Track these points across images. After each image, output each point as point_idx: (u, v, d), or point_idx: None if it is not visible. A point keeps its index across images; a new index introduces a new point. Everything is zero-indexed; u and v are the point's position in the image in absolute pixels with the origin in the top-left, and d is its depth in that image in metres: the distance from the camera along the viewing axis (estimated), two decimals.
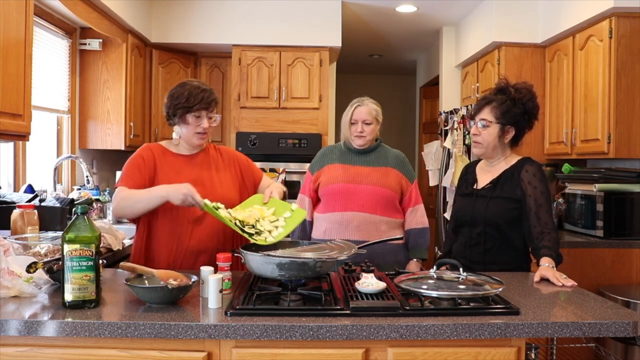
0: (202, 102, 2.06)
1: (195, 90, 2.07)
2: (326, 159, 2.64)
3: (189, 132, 2.11)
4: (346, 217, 2.47)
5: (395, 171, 2.56)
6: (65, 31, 3.70)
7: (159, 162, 2.11)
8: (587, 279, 3.06)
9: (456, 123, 4.24)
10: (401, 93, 7.88)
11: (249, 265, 1.73)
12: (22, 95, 2.44)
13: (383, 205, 2.49)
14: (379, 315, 1.49)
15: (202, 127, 2.09)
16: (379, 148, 2.62)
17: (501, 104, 2.20)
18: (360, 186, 2.49)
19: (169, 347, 1.46)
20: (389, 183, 2.51)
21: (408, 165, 2.63)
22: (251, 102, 4.41)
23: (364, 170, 2.54)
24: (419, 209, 2.58)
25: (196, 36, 4.41)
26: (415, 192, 2.59)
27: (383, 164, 2.56)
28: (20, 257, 1.70)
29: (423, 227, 2.57)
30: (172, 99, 2.10)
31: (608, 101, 3.24)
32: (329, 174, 2.57)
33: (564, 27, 3.69)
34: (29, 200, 2.71)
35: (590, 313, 1.56)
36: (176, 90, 2.11)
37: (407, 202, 2.57)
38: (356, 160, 2.57)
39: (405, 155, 2.67)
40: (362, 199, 2.47)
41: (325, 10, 4.42)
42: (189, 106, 2.06)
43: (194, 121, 2.08)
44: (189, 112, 2.07)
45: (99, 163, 4.23)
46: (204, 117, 2.09)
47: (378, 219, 2.47)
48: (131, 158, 2.12)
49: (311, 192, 2.63)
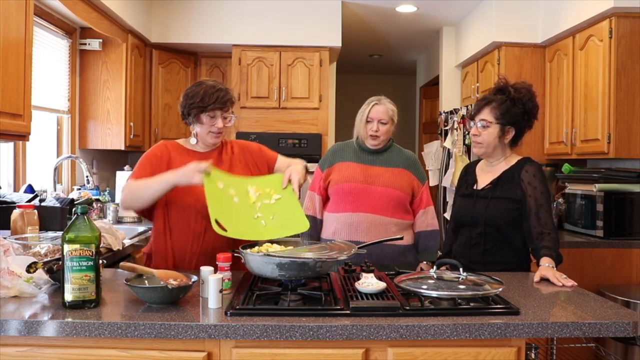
0: (217, 101, 2.05)
1: (210, 90, 2.06)
2: (337, 156, 2.59)
3: (204, 132, 2.10)
4: (356, 219, 2.44)
5: (408, 172, 2.53)
6: (65, 31, 3.70)
7: (174, 159, 2.10)
8: (587, 279, 3.06)
9: (456, 123, 4.24)
10: (401, 93, 7.88)
11: (249, 265, 1.73)
12: (22, 95, 2.44)
13: (394, 207, 2.46)
14: (379, 315, 1.49)
15: (216, 126, 2.08)
16: (392, 148, 2.59)
17: (501, 104, 2.20)
18: (373, 187, 2.46)
19: (169, 347, 1.46)
20: (401, 184, 2.48)
21: (419, 167, 2.60)
22: (251, 102, 4.41)
23: (377, 170, 2.50)
24: (429, 211, 2.55)
25: (196, 36, 4.41)
26: (426, 194, 2.56)
27: (396, 165, 2.53)
28: (20, 257, 1.70)
29: (433, 229, 2.54)
30: (187, 98, 2.09)
31: (608, 101, 3.24)
32: (340, 172, 2.52)
33: (564, 27, 3.69)
34: (29, 200, 2.71)
35: (590, 313, 1.56)
36: (192, 89, 2.10)
37: (418, 203, 2.54)
38: (369, 160, 2.54)
39: (416, 157, 2.64)
40: (373, 200, 2.44)
41: (325, 10, 4.42)
42: (203, 106, 2.05)
43: (209, 121, 2.07)
44: (204, 112, 2.06)
45: (99, 163, 4.23)
46: (218, 116, 2.07)
47: (388, 220, 2.45)
48: (146, 153, 2.13)
49: (321, 189, 2.59)
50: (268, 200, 1.98)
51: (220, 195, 1.89)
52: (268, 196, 1.99)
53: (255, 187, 2.00)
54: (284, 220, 1.95)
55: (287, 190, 2.03)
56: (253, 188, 1.99)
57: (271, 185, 2.04)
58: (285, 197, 2.01)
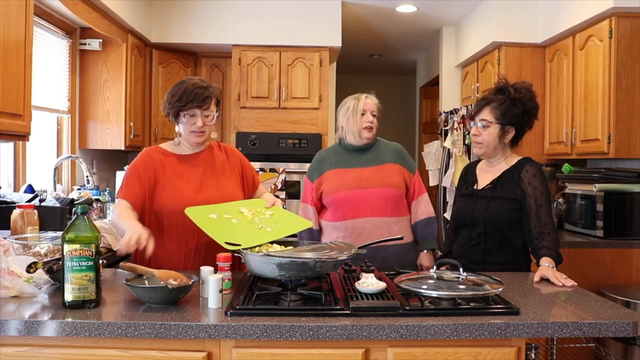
0: (195, 100, 2.02)
1: (189, 88, 2.04)
2: (324, 164, 2.55)
3: (186, 131, 2.08)
4: (358, 224, 2.42)
5: (397, 166, 2.50)
6: (65, 31, 3.70)
7: (160, 167, 2.08)
8: (587, 279, 3.06)
9: (456, 123, 4.24)
10: (401, 93, 7.88)
11: (249, 265, 1.73)
12: (22, 95, 2.44)
13: (392, 205, 2.44)
14: (379, 315, 1.49)
15: (196, 125, 2.05)
16: (376, 144, 2.56)
17: (501, 104, 2.20)
18: (367, 190, 2.43)
19: (169, 347, 1.46)
20: (393, 181, 2.46)
21: (407, 157, 2.58)
22: (251, 102, 4.41)
23: (366, 172, 2.48)
24: (422, 199, 2.53)
25: (196, 36, 4.41)
26: (417, 183, 2.54)
27: (382, 161, 2.50)
28: (20, 257, 1.70)
29: (428, 216, 2.52)
30: (168, 97, 2.08)
31: (608, 101, 3.24)
32: (331, 181, 2.49)
33: (564, 27, 3.69)
34: (29, 200, 2.71)
35: (590, 313, 1.56)
36: (173, 88, 2.09)
37: (411, 195, 2.53)
38: (354, 162, 2.50)
39: (402, 146, 2.62)
40: (370, 203, 2.42)
41: (325, 10, 4.42)
42: (181, 105, 2.03)
43: (188, 120, 2.06)
44: (182, 111, 2.04)
45: (99, 163, 4.23)
46: (198, 115, 2.05)
47: (389, 220, 2.43)
48: (130, 166, 2.10)
49: (314, 200, 2.55)
50: (263, 216, 2.02)
51: (217, 224, 1.88)
52: (262, 213, 2.04)
53: (247, 207, 2.03)
54: (287, 224, 2.00)
55: (275, 208, 2.11)
56: (245, 208, 2.02)
57: (259, 206, 2.09)
58: (277, 211, 2.09)
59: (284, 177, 4.30)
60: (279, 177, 4.29)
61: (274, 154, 4.32)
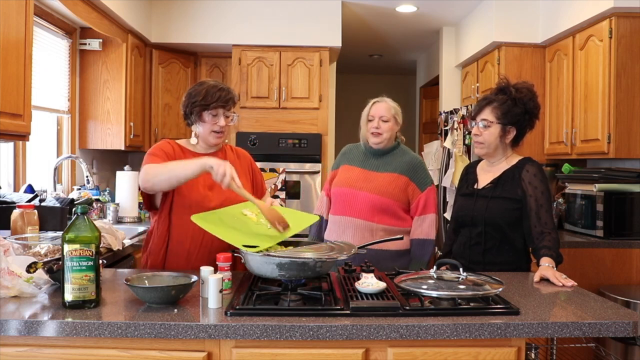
0: (219, 100, 2.07)
1: (212, 89, 2.08)
2: (344, 158, 2.64)
3: (206, 131, 2.10)
4: (344, 222, 2.47)
5: (404, 178, 2.47)
6: (65, 31, 3.70)
7: (178, 158, 2.09)
8: (587, 279, 3.06)
9: (456, 123, 4.24)
10: (401, 93, 7.87)
11: (249, 265, 1.73)
12: (22, 95, 2.44)
13: (379, 213, 2.43)
14: (379, 315, 1.49)
15: (219, 125, 2.09)
16: (396, 151, 2.54)
17: (502, 104, 2.20)
18: (360, 192, 2.45)
19: (169, 347, 1.46)
20: (390, 191, 2.44)
21: (421, 172, 2.51)
22: (251, 102, 4.41)
23: (369, 174, 2.49)
24: (426, 219, 2.46)
25: (196, 36, 4.41)
26: (424, 201, 2.47)
27: (389, 169, 2.49)
28: (20, 257, 1.70)
29: (425, 238, 2.45)
30: (189, 97, 2.10)
31: (608, 101, 3.24)
32: (341, 175, 2.57)
33: (564, 27, 3.69)
34: (29, 200, 2.71)
35: (590, 313, 1.56)
36: (194, 88, 2.12)
37: (414, 210, 2.48)
38: (365, 163, 2.54)
39: (421, 161, 2.56)
40: (358, 205, 2.45)
41: (325, 10, 4.41)
42: (206, 104, 2.06)
43: (211, 119, 2.08)
44: (206, 110, 2.07)
45: (99, 163, 4.23)
46: (220, 115, 2.09)
47: (374, 226, 2.43)
48: (154, 147, 2.10)
49: (328, 191, 2.64)
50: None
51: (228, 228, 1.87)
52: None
53: (249, 210, 2.01)
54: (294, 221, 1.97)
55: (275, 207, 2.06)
56: (248, 210, 2.00)
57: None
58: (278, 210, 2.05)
59: (284, 177, 4.30)
60: (279, 177, 4.29)
61: (274, 154, 4.33)
